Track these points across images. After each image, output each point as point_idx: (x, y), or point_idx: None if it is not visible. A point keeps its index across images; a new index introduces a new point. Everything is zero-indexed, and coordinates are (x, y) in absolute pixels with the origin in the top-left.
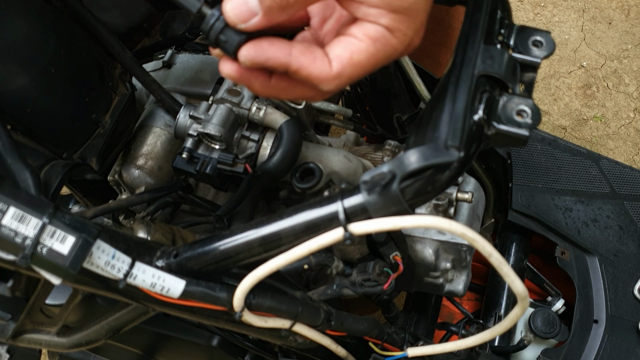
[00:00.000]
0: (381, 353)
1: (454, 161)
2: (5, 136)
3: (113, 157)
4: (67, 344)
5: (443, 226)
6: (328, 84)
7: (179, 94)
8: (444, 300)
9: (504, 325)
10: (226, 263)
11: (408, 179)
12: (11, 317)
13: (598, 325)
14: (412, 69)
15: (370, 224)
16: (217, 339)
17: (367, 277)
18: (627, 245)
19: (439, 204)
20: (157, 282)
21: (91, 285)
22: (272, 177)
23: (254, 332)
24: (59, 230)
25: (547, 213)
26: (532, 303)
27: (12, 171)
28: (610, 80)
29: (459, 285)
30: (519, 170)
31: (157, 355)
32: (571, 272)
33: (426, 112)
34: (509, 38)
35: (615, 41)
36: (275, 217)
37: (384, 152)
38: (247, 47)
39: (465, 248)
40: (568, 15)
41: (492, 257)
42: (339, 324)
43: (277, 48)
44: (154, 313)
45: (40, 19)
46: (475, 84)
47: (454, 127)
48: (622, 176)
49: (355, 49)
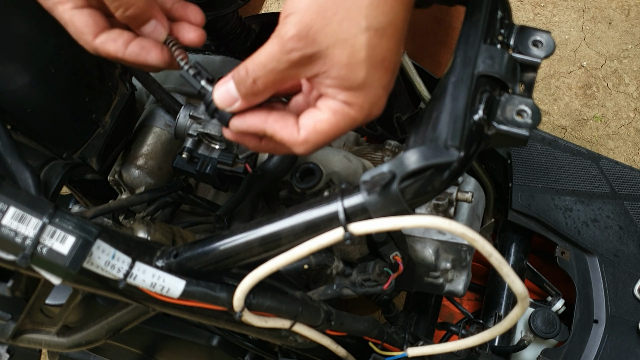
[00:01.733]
0: (381, 353)
1: (454, 161)
2: (5, 136)
3: (113, 157)
4: (67, 344)
5: (443, 226)
6: (298, 148)
7: (179, 94)
8: (444, 300)
9: (504, 325)
10: (226, 263)
11: (408, 179)
12: (11, 317)
13: (598, 325)
14: (412, 69)
15: (370, 224)
16: (217, 339)
17: (367, 277)
18: (627, 245)
19: (439, 204)
20: (157, 282)
21: (91, 285)
22: (272, 177)
23: (254, 332)
24: (59, 230)
25: (547, 213)
26: (532, 303)
27: (12, 171)
28: (610, 80)
29: (459, 285)
30: (519, 170)
31: (157, 355)
32: (571, 272)
33: (426, 112)
34: (509, 38)
35: (615, 41)
36: (275, 217)
37: (384, 152)
38: (234, 119)
39: (465, 248)
40: (568, 15)
41: (492, 257)
42: (339, 324)
43: (256, 118)
44: (154, 313)
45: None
46: (475, 84)
47: (454, 127)
48: (622, 176)
49: (318, 120)
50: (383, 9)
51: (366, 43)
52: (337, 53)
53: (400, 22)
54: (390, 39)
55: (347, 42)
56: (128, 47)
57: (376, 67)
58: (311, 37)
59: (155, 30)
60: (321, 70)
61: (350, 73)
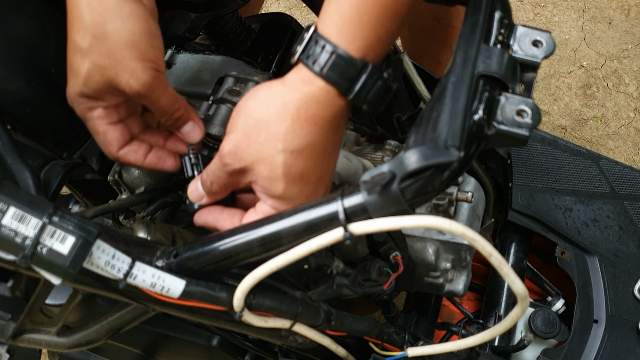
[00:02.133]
0: (381, 353)
1: (453, 161)
2: (5, 136)
3: None
4: (67, 344)
5: (443, 226)
6: None
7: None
8: (444, 300)
9: (504, 325)
10: (226, 263)
11: (408, 178)
12: (11, 317)
13: (598, 325)
14: (412, 69)
15: (370, 224)
16: (217, 339)
17: (367, 277)
18: (627, 245)
19: (439, 204)
20: (157, 282)
21: (91, 285)
22: None
23: (254, 332)
24: (59, 230)
25: (547, 213)
26: (532, 303)
27: (12, 171)
28: (610, 80)
29: (459, 285)
30: (519, 170)
31: (157, 355)
32: (571, 272)
33: (426, 112)
34: (509, 38)
35: (615, 41)
36: (275, 217)
37: (384, 152)
38: (195, 215)
39: (465, 248)
40: (568, 15)
41: (492, 257)
42: (339, 324)
43: (210, 215)
44: (154, 313)
45: (40, 19)
46: (475, 84)
47: (454, 127)
48: (622, 176)
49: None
50: (299, 134)
51: (282, 162)
52: (260, 169)
53: (319, 142)
54: (308, 158)
55: (267, 160)
56: (147, 158)
57: (295, 182)
58: (239, 155)
59: (193, 131)
60: (252, 179)
61: (271, 185)
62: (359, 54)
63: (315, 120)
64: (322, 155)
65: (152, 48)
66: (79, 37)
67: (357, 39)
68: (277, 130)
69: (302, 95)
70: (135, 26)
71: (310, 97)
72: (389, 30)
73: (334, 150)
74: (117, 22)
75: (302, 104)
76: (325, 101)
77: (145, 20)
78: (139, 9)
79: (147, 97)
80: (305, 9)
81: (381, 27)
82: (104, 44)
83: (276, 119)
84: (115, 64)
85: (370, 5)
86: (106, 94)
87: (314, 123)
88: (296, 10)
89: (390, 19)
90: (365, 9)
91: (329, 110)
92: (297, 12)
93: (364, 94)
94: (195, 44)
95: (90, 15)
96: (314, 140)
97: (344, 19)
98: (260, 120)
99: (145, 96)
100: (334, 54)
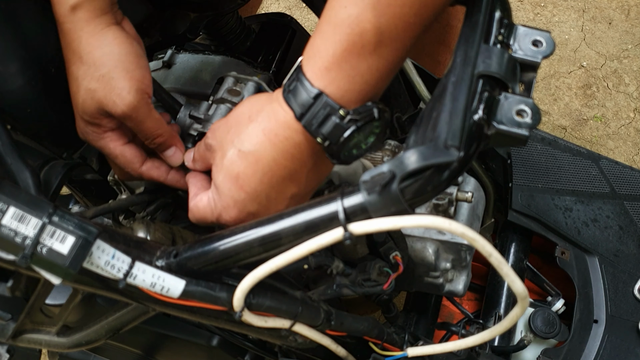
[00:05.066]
0: (381, 353)
1: (453, 161)
2: (5, 136)
3: None
4: (67, 344)
5: (443, 226)
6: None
7: (179, 93)
8: (444, 300)
9: (504, 325)
10: (226, 263)
11: (408, 178)
12: (11, 317)
13: (598, 325)
14: (412, 68)
15: (370, 223)
16: (217, 339)
17: (367, 277)
18: (627, 245)
19: (439, 204)
20: (157, 282)
21: (91, 285)
22: None
23: (254, 332)
24: (59, 230)
25: (547, 213)
26: (532, 303)
27: (12, 171)
28: (610, 80)
29: (459, 285)
30: (519, 170)
31: (157, 355)
32: (571, 272)
33: (426, 112)
34: (509, 38)
35: (615, 41)
36: (275, 217)
37: (383, 152)
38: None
39: (465, 248)
40: (568, 15)
41: (492, 257)
42: (339, 324)
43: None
44: (153, 313)
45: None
46: (475, 83)
47: (454, 127)
48: (622, 176)
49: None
50: (252, 140)
51: (230, 156)
52: (218, 154)
53: (266, 157)
54: (250, 165)
55: (224, 149)
56: (169, 174)
57: (230, 179)
58: (215, 133)
59: (175, 155)
60: (213, 161)
61: (215, 171)
62: (319, 83)
63: (269, 136)
64: (266, 172)
65: (138, 67)
66: (75, 68)
67: (317, 68)
68: (241, 129)
69: (269, 109)
70: (120, 47)
71: (272, 111)
72: (355, 67)
73: (283, 180)
74: (105, 48)
75: (265, 116)
76: (283, 120)
77: (130, 43)
78: (122, 34)
79: (132, 118)
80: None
81: (345, 62)
82: (96, 69)
83: (246, 120)
84: (104, 85)
85: (338, 40)
86: (102, 118)
87: (267, 137)
88: (296, 10)
89: (357, 55)
90: (332, 43)
91: (284, 131)
92: (297, 12)
93: (316, 124)
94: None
95: (82, 47)
96: (262, 152)
97: (312, 46)
98: (239, 116)
99: (130, 117)
100: (296, 77)
